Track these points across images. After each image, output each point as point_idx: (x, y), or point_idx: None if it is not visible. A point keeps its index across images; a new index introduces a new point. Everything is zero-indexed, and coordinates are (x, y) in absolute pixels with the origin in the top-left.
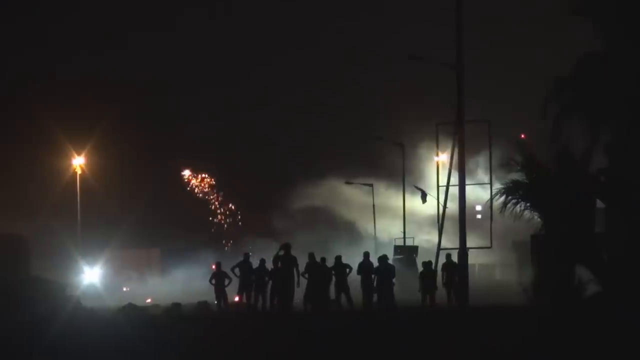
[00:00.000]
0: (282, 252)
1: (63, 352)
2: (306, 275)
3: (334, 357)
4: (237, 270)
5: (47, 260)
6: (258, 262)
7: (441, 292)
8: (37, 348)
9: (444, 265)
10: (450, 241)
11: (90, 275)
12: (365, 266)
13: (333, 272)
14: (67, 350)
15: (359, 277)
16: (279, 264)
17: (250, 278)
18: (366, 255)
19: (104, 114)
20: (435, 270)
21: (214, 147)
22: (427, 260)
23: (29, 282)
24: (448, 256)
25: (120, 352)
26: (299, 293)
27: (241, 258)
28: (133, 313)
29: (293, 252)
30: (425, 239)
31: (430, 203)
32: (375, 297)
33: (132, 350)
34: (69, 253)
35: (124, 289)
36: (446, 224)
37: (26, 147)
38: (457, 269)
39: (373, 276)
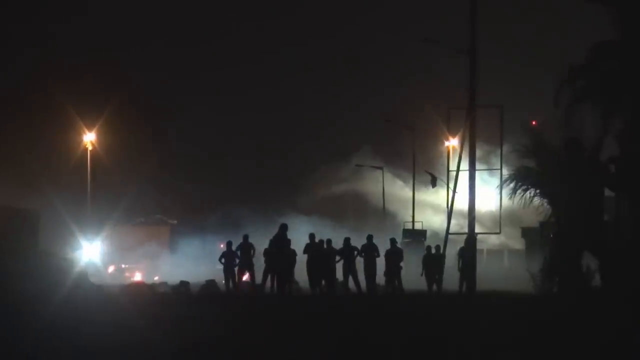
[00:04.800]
0: (279, 232)
1: (63, 328)
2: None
3: (336, 340)
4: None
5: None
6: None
7: (454, 277)
8: (37, 323)
9: (461, 250)
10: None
11: (90, 252)
12: (367, 249)
13: (342, 254)
14: (67, 325)
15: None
16: (275, 245)
17: (249, 258)
18: (369, 238)
19: (115, 90)
20: (442, 255)
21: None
22: (434, 244)
23: (36, 257)
24: (467, 241)
25: (121, 329)
26: (303, 275)
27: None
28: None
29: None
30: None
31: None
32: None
33: (133, 327)
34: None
35: (123, 266)
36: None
37: (37, 124)
38: (467, 255)
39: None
